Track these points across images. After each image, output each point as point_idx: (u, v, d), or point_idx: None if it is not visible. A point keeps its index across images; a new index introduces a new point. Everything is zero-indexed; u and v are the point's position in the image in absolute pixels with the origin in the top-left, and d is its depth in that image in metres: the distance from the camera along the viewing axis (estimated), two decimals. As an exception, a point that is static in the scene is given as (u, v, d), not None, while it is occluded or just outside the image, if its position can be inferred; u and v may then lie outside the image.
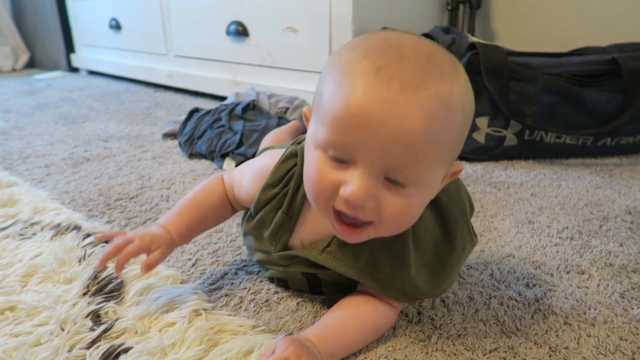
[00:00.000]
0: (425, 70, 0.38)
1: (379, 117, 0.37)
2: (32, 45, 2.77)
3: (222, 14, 1.62)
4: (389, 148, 0.38)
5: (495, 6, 1.62)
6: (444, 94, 0.38)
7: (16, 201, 0.89)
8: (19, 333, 0.53)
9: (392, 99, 0.37)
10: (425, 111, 0.37)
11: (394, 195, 0.41)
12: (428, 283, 0.51)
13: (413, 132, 0.37)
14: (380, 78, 0.37)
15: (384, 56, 0.38)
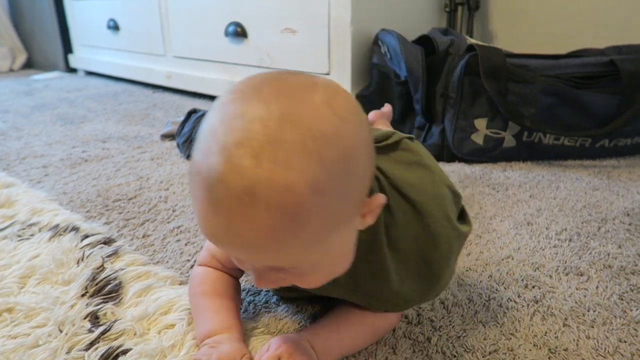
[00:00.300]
0: (255, 177, 0.32)
1: (225, 241, 0.35)
2: (30, 45, 2.76)
3: (220, 15, 1.62)
4: (249, 259, 0.39)
5: (494, 8, 1.62)
6: (280, 199, 0.32)
7: (14, 202, 0.88)
8: (16, 335, 0.53)
9: (225, 225, 0.33)
10: (263, 228, 0.33)
11: (295, 273, 0.40)
12: (417, 290, 0.49)
13: (258, 249, 0.34)
14: (211, 202, 0.33)
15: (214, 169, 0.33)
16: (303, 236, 0.34)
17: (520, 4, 1.56)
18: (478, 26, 1.65)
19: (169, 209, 0.86)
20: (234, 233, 0.34)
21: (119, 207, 0.88)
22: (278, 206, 0.32)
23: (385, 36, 1.26)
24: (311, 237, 0.35)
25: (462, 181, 0.99)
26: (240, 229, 0.33)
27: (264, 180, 0.32)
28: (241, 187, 0.32)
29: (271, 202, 0.32)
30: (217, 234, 0.35)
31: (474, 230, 0.77)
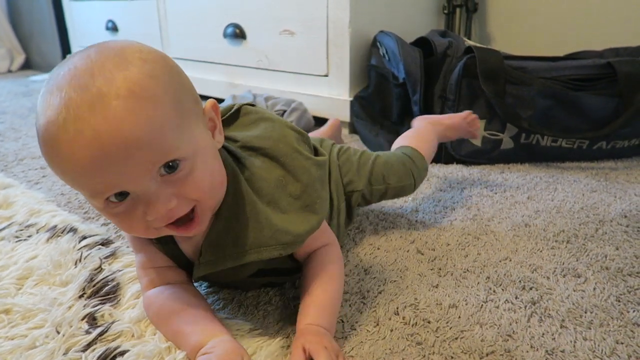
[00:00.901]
0: (97, 85, 0.38)
1: (100, 156, 0.38)
2: (28, 46, 2.76)
3: (219, 17, 1.62)
4: (131, 164, 0.39)
5: (492, 10, 1.62)
6: (126, 87, 0.38)
7: (11, 203, 0.88)
8: (14, 336, 0.53)
9: (93, 136, 0.37)
10: (123, 116, 0.38)
11: (180, 181, 0.42)
12: (298, 222, 0.51)
13: (129, 138, 0.38)
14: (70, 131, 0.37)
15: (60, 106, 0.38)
16: (160, 114, 0.39)
17: (518, 6, 1.57)
18: (476, 28, 1.66)
19: (167, 210, 0.86)
20: (102, 137, 0.37)
21: (117, 209, 0.88)
22: (126, 92, 0.38)
23: (383, 38, 1.26)
24: (169, 115, 0.40)
25: (460, 183, 0.99)
26: (105, 128, 0.37)
27: (106, 83, 0.38)
28: (90, 97, 0.37)
29: (119, 92, 0.38)
30: (90, 155, 0.38)
31: (472, 232, 0.77)
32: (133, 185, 0.41)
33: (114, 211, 0.43)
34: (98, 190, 0.41)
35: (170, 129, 0.41)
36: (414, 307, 0.58)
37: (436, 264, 0.68)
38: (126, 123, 0.38)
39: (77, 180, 0.40)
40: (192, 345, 0.48)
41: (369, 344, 0.52)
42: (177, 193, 0.43)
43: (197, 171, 0.43)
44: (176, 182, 0.42)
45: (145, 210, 0.42)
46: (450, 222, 0.81)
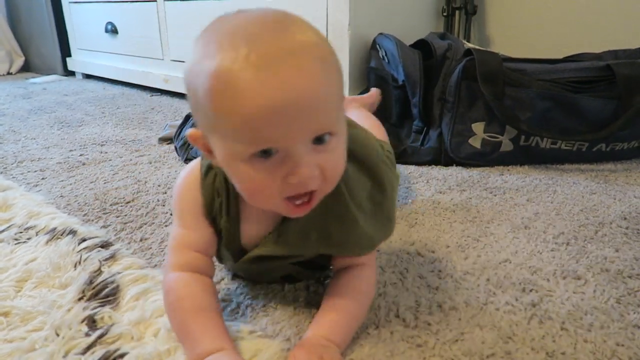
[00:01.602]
0: (293, 40, 0.40)
1: (282, 106, 0.38)
2: (28, 49, 2.76)
3: (218, 19, 1.62)
4: (302, 122, 0.40)
5: (491, 13, 1.63)
6: (318, 51, 0.41)
7: (11, 205, 0.88)
8: (13, 339, 0.53)
9: (283, 85, 0.38)
10: (315, 76, 0.39)
11: (325, 154, 0.43)
12: (376, 231, 0.55)
13: (313, 98, 0.39)
14: (262, 74, 0.38)
15: (252, 49, 0.39)
16: (335, 84, 0.42)
17: (518, 8, 1.57)
18: (475, 31, 1.66)
19: (166, 213, 0.86)
20: (292, 88, 0.38)
21: (117, 211, 0.87)
22: (318, 55, 0.40)
23: (383, 40, 1.26)
24: (338, 87, 0.43)
25: (460, 185, 0.99)
26: (297, 82, 0.38)
27: (302, 41, 0.40)
28: (287, 49, 0.39)
29: (312, 53, 0.40)
30: (274, 102, 0.38)
31: (471, 234, 0.77)
32: (292, 143, 0.41)
33: (256, 166, 0.42)
34: (257, 141, 0.40)
35: (338, 102, 0.44)
36: (414, 310, 0.58)
37: (436, 266, 0.68)
38: (316, 81, 0.40)
39: (244, 126, 0.40)
40: (197, 352, 0.46)
41: (369, 346, 0.52)
42: (319, 165, 0.43)
43: (338, 150, 0.45)
44: (321, 154, 0.43)
45: (291, 172, 0.42)
46: (449, 224, 0.81)
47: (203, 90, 0.41)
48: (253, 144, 0.41)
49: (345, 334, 0.51)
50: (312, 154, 0.42)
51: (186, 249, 0.53)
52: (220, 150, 0.44)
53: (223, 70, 0.39)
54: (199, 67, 0.41)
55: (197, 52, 0.42)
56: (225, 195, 0.52)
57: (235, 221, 0.53)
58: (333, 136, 0.43)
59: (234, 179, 0.46)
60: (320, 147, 0.43)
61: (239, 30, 0.40)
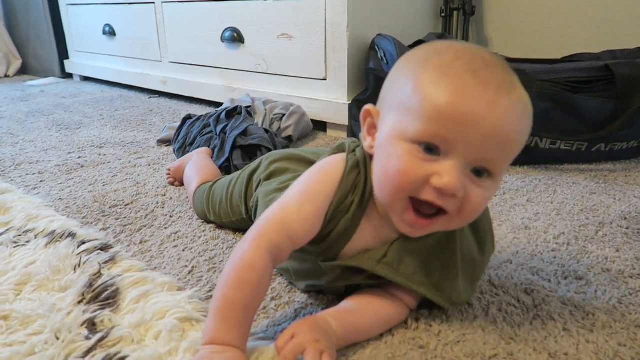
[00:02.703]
0: (508, 76, 0.44)
1: (481, 115, 0.41)
2: (25, 51, 2.76)
3: (217, 21, 1.63)
4: (486, 143, 0.42)
5: (489, 13, 1.63)
6: (525, 99, 0.44)
7: (9, 208, 0.88)
8: (12, 342, 0.52)
9: (491, 100, 0.41)
10: (517, 112, 0.43)
11: (476, 187, 0.45)
12: (466, 289, 0.55)
13: (508, 130, 0.42)
14: (478, 79, 0.42)
15: (475, 60, 0.43)
16: (524, 137, 0.45)
17: (516, 9, 1.57)
18: (474, 31, 1.66)
19: (166, 215, 0.86)
20: (497, 106, 0.42)
21: (116, 213, 0.87)
22: (525, 105, 0.44)
23: (381, 41, 1.26)
24: (519, 147, 0.45)
25: (460, 186, 0.99)
26: (504, 104, 0.42)
27: (519, 87, 0.44)
28: (507, 79, 0.43)
29: (523, 100, 0.44)
30: (477, 106, 0.41)
31: (472, 235, 0.77)
32: (461, 152, 0.43)
33: (413, 152, 0.44)
34: (442, 130, 0.42)
35: (515, 153, 0.45)
36: (415, 311, 0.57)
37: (437, 267, 0.68)
38: (516, 127, 0.43)
39: (438, 114, 0.42)
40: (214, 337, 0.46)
41: (371, 348, 0.52)
42: (465, 191, 0.44)
43: (486, 192, 0.46)
44: (472, 185, 0.44)
45: (439, 173, 0.43)
46: (450, 225, 0.81)
47: (412, 77, 0.45)
48: (426, 134, 0.43)
49: (352, 334, 0.51)
50: (464, 178, 0.44)
51: (284, 231, 0.50)
52: (389, 129, 0.46)
53: (446, 62, 0.43)
54: (415, 60, 0.46)
55: (418, 50, 0.47)
56: (360, 195, 0.51)
57: (356, 222, 0.52)
58: (492, 178, 0.45)
59: (385, 156, 0.47)
60: (474, 178, 0.44)
61: (467, 49, 0.45)
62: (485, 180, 0.45)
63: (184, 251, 0.73)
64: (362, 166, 0.52)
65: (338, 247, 0.53)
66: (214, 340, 0.46)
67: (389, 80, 0.49)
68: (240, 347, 0.46)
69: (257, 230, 0.50)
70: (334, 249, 0.53)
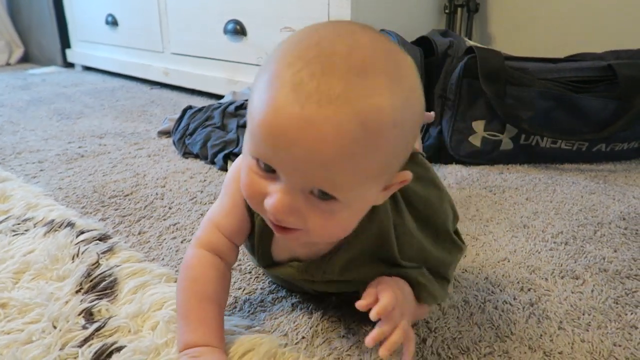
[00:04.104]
0: (349, 86, 0.35)
1: (292, 137, 0.35)
2: (27, 39, 2.75)
3: (219, 13, 1.62)
4: (303, 167, 0.37)
5: (493, 10, 1.62)
6: (368, 114, 0.35)
7: (9, 197, 0.88)
8: (10, 330, 0.53)
9: (306, 119, 0.35)
10: (342, 133, 0.35)
11: (316, 209, 0.40)
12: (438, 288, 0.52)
13: (325, 154, 0.35)
14: (297, 94, 0.35)
15: (307, 67, 0.35)
16: (369, 159, 0.37)
17: (520, 7, 1.57)
18: (477, 28, 1.66)
19: (165, 206, 0.86)
20: (313, 128, 0.35)
21: (115, 204, 0.87)
22: (365, 120, 0.35)
23: (384, 37, 1.26)
24: (362, 170, 0.37)
25: (459, 183, 0.99)
26: (324, 127, 0.35)
27: (362, 95, 0.35)
28: (338, 91, 0.35)
29: (361, 115, 0.35)
30: (289, 127, 0.35)
31: (470, 232, 0.77)
32: (288, 178, 0.39)
33: (254, 170, 0.41)
34: (262, 150, 0.38)
35: (364, 177, 0.38)
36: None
37: (434, 264, 0.68)
38: (342, 141, 0.35)
39: (257, 131, 0.37)
40: (186, 341, 0.47)
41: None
42: (306, 216, 0.40)
43: (337, 215, 0.40)
44: (314, 208, 0.40)
45: (269, 195, 0.40)
46: (449, 222, 0.81)
47: (259, 76, 0.40)
48: (255, 149, 0.39)
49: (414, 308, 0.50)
50: (303, 199, 0.39)
51: (215, 229, 0.52)
52: (245, 135, 0.43)
53: (271, 75, 0.37)
54: (272, 55, 0.39)
55: (288, 39, 0.40)
56: None
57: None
58: (338, 203, 0.39)
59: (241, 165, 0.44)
60: (315, 200, 0.39)
61: (326, 41, 0.37)
62: (330, 203, 0.39)
63: (182, 243, 0.73)
64: None
65: (264, 249, 0.53)
66: (186, 344, 0.47)
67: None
68: (213, 343, 0.47)
69: (194, 236, 0.54)
70: (263, 252, 0.54)
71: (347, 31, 0.38)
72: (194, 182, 0.98)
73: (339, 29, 0.39)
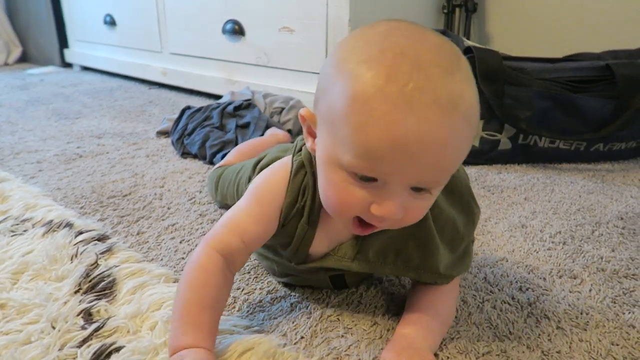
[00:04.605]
0: (448, 88, 0.38)
1: (414, 150, 0.38)
2: (25, 39, 2.74)
3: (218, 12, 1.62)
4: (423, 171, 0.40)
5: (491, 10, 1.62)
6: (468, 110, 0.39)
7: (7, 197, 0.88)
8: (8, 331, 0.53)
9: (425, 130, 0.37)
10: (457, 135, 0.39)
11: (418, 201, 0.43)
12: (454, 261, 0.54)
13: (447, 159, 0.39)
14: (413, 108, 0.37)
15: (411, 80, 0.37)
16: (467, 147, 0.41)
17: (518, 6, 1.57)
18: (475, 28, 1.66)
19: (163, 207, 0.86)
20: (434, 139, 0.37)
21: (114, 204, 0.87)
22: (467, 116, 0.39)
23: (382, 37, 1.26)
24: (468, 150, 0.42)
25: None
26: (441, 134, 0.37)
27: (461, 94, 0.38)
28: (446, 97, 0.37)
29: (465, 112, 0.39)
30: (411, 143, 0.37)
31: (468, 232, 0.77)
32: (399, 184, 0.41)
33: (350, 181, 0.42)
34: (365, 169, 0.40)
35: (458, 165, 0.43)
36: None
37: (433, 264, 0.68)
38: (449, 143, 0.38)
39: (364, 153, 0.39)
40: (178, 344, 0.46)
41: (366, 342, 0.52)
42: (406, 208, 0.43)
43: (429, 201, 0.44)
44: (413, 199, 0.42)
45: (378, 202, 0.42)
46: (447, 221, 0.81)
47: (341, 94, 0.40)
48: (365, 166, 0.40)
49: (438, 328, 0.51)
50: (405, 196, 0.42)
51: (237, 235, 0.51)
52: (325, 148, 0.43)
53: (376, 85, 0.37)
54: (350, 67, 0.40)
55: (361, 44, 0.41)
56: (311, 197, 0.51)
57: (313, 226, 0.52)
58: (429, 192, 0.43)
59: (323, 178, 0.45)
60: (413, 194, 0.42)
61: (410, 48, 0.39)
62: (424, 194, 0.43)
63: (180, 243, 0.73)
64: (307, 167, 0.51)
65: (304, 250, 0.54)
66: (178, 346, 0.46)
67: (324, 76, 0.44)
68: (202, 345, 0.46)
69: (209, 234, 0.52)
70: (301, 252, 0.54)
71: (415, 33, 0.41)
72: (192, 182, 0.98)
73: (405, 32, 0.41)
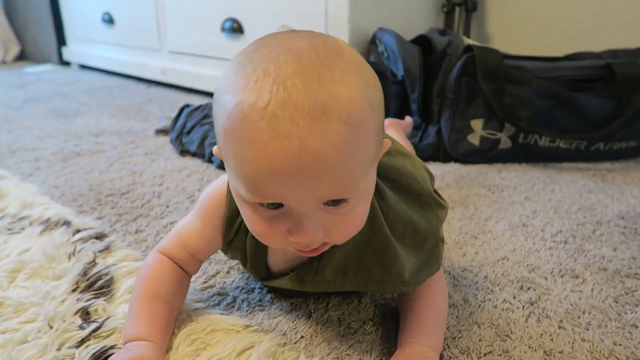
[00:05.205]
0: (316, 96, 0.35)
1: (292, 169, 0.35)
2: (23, 37, 2.73)
3: (217, 11, 1.61)
4: (311, 191, 0.37)
5: (491, 9, 1.62)
6: (345, 110, 0.35)
7: (4, 195, 0.87)
8: (5, 330, 0.52)
9: (297, 147, 0.34)
10: (335, 141, 0.35)
11: (337, 216, 0.40)
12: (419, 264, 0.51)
13: (330, 168, 0.36)
14: (278, 128, 0.34)
15: (271, 100, 0.34)
16: (363, 149, 0.37)
17: (518, 5, 1.56)
18: (475, 27, 1.65)
19: (162, 205, 0.86)
20: (307, 152, 0.34)
21: (112, 202, 0.87)
22: (347, 118, 0.35)
23: (382, 35, 1.25)
24: (367, 152, 0.38)
25: (458, 182, 0.99)
26: (315, 145, 0.34)
27: (333, 97, 0.35)
28: (313, 105, 0.34)
29: (342, 114, 0.35)
30: (284, 164, 0.35)
31: (469, 231, 0.77)
32: (300, 204, 0.38)
33: (260, 213, 0.40)
34: (260, 195, 0.38)
35: (364, 167, 0.39)
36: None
37: (434, 263, 0.67)
38: (336, 147, 0.35)
39: (248, 179, 0.37)
40: (129, 335, 0.47)
41: (366, 342, 0.52)
42: (327, 227, 0.40)
43: (354, 211, 0.41)
44: (332, 215, 0.40)
45: (292, 229, 0.40)
46: (447, 221, 0.81)
47: (220, 123, 0.38)
48: (256, 196, 0.38)
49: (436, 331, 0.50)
50: (320, 214, 0.40)
51: (181, 246, 0.53)
52: (231, 184, 0.42)
53: (239, 114, 0.36)
54: (223, 96, 0.38)
55: (229, 73, 0.39)
56: None
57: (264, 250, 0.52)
58: (353, 199, 0.40)
59: (241, 213, 0.44)
60: (331, 209, 0.40)
61: (272, 65, 0.36)
62: (344, 205, 0.40)
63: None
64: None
65: (260, 267, 0.54)
66: (126, 339, 0.47)
67: (215, 100, 0.41)
68: (153, 339, 0.47)
69: (160, 242, 0.55)
70: (259, 268, 0.54)
71: (282, 44, 0.38)
72: (191, 181, 0.97)
73: (272, 47, 0.38)
